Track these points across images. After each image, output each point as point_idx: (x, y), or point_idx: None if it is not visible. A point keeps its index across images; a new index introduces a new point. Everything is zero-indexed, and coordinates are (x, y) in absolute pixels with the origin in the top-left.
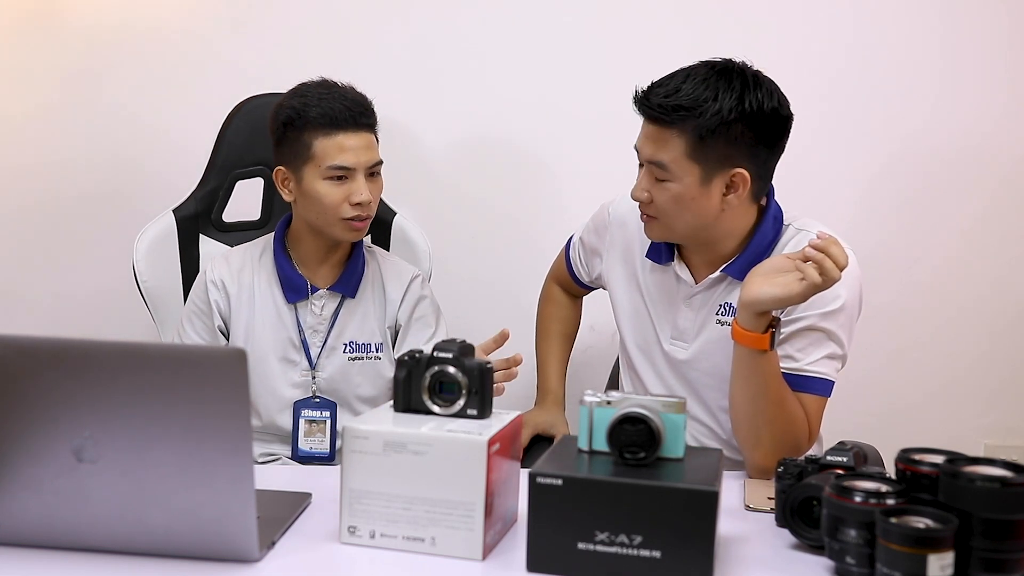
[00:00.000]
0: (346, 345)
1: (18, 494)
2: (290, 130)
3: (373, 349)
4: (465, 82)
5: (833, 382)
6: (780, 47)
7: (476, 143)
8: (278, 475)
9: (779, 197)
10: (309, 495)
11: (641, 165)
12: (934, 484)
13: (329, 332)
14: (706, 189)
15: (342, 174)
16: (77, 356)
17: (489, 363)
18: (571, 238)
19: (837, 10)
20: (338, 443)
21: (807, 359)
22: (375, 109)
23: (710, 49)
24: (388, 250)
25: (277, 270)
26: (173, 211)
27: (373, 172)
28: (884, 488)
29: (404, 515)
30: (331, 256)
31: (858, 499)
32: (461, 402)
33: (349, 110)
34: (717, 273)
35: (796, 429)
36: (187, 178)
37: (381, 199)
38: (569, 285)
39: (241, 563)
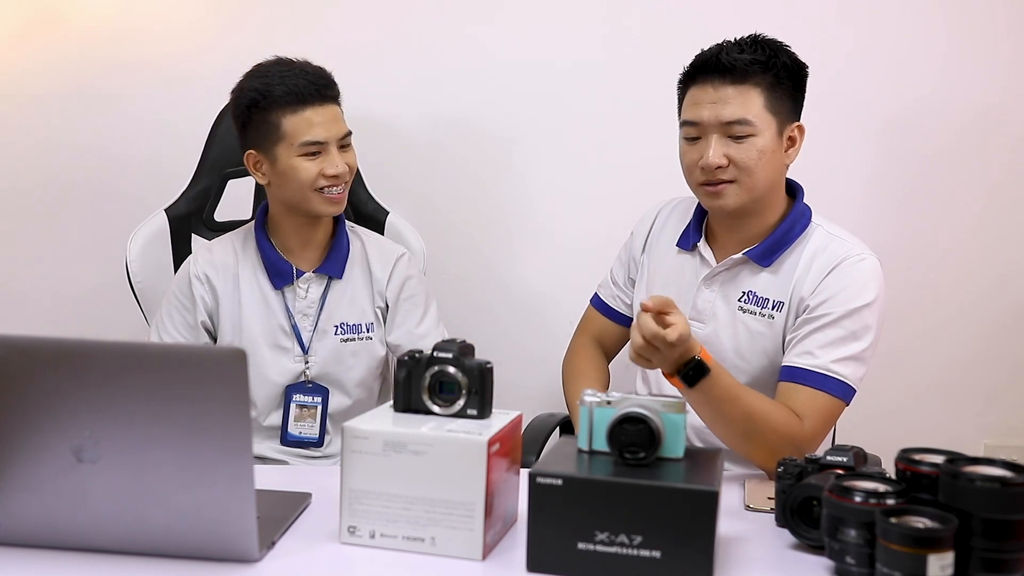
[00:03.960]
0: (337, 327)
1: (18, 494)
2: (255, 112)
3: (364, 329)
4: (457, 78)
5: (849, 386)
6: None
7: (467, 140)
8: (278, 475)
9: None
10: (309, 495)
11: (694, 139)
12: (934, 484)
13: (319, 315)
14: (779, 142)
15: (316, 149)
16: (77, 356)
17: (489, 363)
18: (593, 295)
19: (833, 8)
20: (328, 428)
21: (826, 357)
22: (364, 109)
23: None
24: None
25: (261, 257)
26: (165, 210)
27: (344, 144)
28: (884, 488)
29: (404, 515)
30: (313, 238)
31: (858, 499)
32: (461, 402)
33: (313, 84)
34: (739, 255)
35: (777, 434)
36: (179, 177)
37: (373, 198)
38: (604, 333)
39: (241, 563)
